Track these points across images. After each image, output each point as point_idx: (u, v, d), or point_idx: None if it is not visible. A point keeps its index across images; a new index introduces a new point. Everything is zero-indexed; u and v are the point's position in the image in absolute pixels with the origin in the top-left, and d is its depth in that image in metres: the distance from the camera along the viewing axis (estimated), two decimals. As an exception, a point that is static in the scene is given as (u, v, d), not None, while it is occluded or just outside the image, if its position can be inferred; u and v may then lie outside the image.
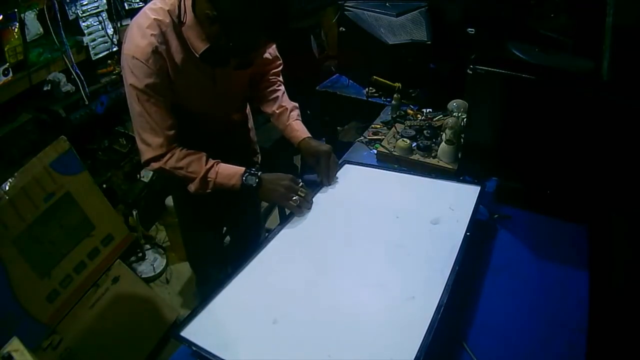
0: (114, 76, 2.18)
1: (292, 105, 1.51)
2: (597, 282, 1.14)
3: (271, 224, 2.49)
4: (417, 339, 0.87)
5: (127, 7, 2.22)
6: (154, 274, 2.40)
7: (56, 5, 1.88)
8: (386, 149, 1.59)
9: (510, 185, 1.38)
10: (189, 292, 2.35)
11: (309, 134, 1.46)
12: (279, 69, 1.54)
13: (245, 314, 1.02)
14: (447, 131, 1.47)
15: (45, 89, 1.96)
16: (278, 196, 1.30)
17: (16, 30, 1.74)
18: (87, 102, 2.06)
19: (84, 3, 2.00)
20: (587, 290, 1.11)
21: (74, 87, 2.02)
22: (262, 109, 1.54)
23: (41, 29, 1.86)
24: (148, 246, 2.49)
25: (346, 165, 1.50)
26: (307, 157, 1.45)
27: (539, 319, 1.05)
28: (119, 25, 2.19)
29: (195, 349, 0.94)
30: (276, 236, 1.23)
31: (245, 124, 1.63)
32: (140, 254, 2.42)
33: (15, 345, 0.88)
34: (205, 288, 1.89)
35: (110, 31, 2.13)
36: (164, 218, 2.57)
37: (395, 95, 1.83)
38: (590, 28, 1.58)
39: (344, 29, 2.14)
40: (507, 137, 1.30)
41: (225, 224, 1.93)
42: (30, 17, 1.80)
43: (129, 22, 1.24)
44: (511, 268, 1.19)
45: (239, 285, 1.10)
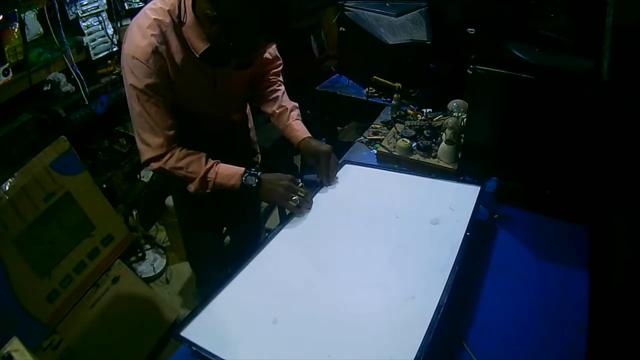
0: (114, 76, 2.18)
1: (292, 105, 1.51)
2: (597, 282, 1.14)
3: (271, 224, 2.49)
4: (417, 339, 0.87)
5: (127, 7, 2.22)
6: (154, 274, 2.40)
7: (56, 5, 1.88)
8: (386, 149, 1.59)
9: (510, 185, 1.38)
10: (189, 292, 2.35)
11: (309, 134, 1.46)
12: (279, 69, 1.54)
13: (245, 314, 1.02)
14: (447, 131, 1.47)
15: (45, 89, 1.96)
16: (278, 196, 1.30)
17: (16, 30, 1.74)
18: (87, 102, 2.06)
19: (84, 3, 2.00)
20: (587, 290, 1.11)
21: (74, 87, 2.02)
22: (262, 109, 1.54)
23: (41, 29, 1.86)
24: (148, 246, 2.49)
25: (346, 165, 1.50)
26: (307, 157, 1.45)
27: (539, 319, 1.05)
28: (119, 25, 2.19)
29: (195, 349, 0.94)
30: (276, 236, 1.23)
31: (245, 124, 1.63)
32: (140, 254, 2.42)
33: (15, 345, 0.88)
34: (205, 288, 1.89)
35: (110, 31, 2.13)
36: (164, 218, 2.57)
37: (395, 95, 1.83)
38: (590, 28, 1.58)
39: (344, 29, 2.14)
40: (507, 137, 1.30)
41: (225, 224, 1.93)
42: (30, 17, 1.80)
43: (129, 22, 1.24)
44: (511, 268, 1.19)
45: (239, 285, 1.10)
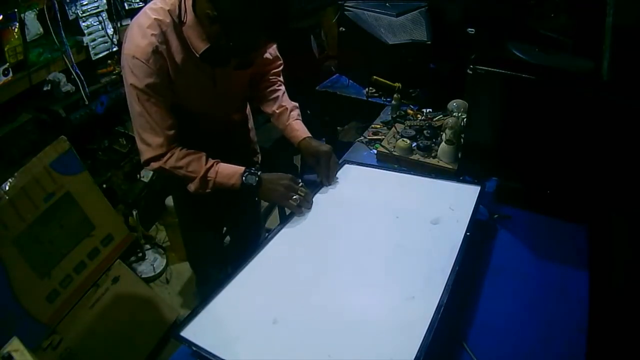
0: (114, 76, 2.18)
1: (292, 105, 1.51)
2: (597, 282, 1.14)
3: (271, 224, 2.49)
4: (417, 339, 0.87)
5: (127, 7, 2.21)
6: (154, 274, 2.40)
7: (56, 5, 1.88)
8: (386, 149, 1.59)
9: (510, 185, 1.38)
10: (189, 292, 2.35)
11: (309, 134, 1.46)
12: (280, 69, 1.54)
13: (245, 314, 1.02)
14: (447, 131, 1.47)
15: (45, 89, 1.95)
16: (278, 196, 1.30)
17: (16, 30, 1.74)
18: (87, 102, 2.06)
19: (84, 3, 2.00)
20: (587, 290, 1.11)
21: (74, 87, 2.01)
22: (262, 109, 1.54)
23: (41, 29, 1.86)
24: (148, 246, 2.49)
25: (346, 165, 1.50)
26: (307, 157, 1.45)
27: (539, 319, 1.05)
28: (119, 25, 2.19)
29: (195, 349, 0.94)
30: (276, 236, 1.23)
31: (245, 124, 1.63)
32: (140, 254, 2.42)
33: (15, 345, 0.88)
34: (205, 288, 1.89)
35: (110, 31, 2.13)
36: (164, 218, 2.57)
37: (395, 95, 1.83)
38: (590, 28, 1.58)
39: (344, 29, 2.14)
40: (507, 137, 1.30)
41: (225, 224, 1.93)
42: (30, 17, 1.80)
43: (129, 22, 1.24)
44: (511, 268, 1.19)
45: (239, 285, 1.10)
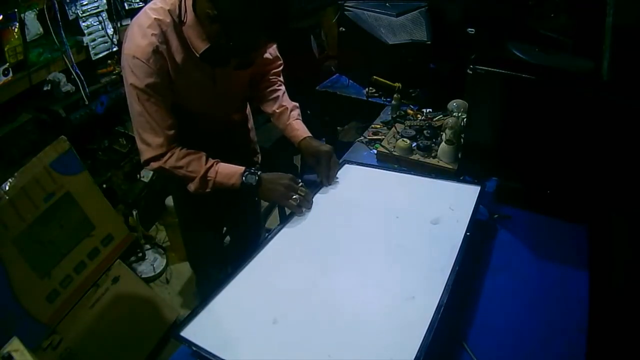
0: (114, 76, 2.18)
1: (292, 105, 1.51)
2: (597, 282, 1.14)
3: (271, 224, 2.49)
4: (417, 339, 0.87)
5: (127, 7, 2.22)
6: (154, 274, 2.40)
7: (56, 5, 1.88)
8: (386, 149, 1.59)
9: (510, 185, 1.38)
10: (189, 292, 2.35)
11: (309, 134, 1.46)
12: (280, 69, 1.54)
13: (245, 314, 1.02)
14: (447, 131, 1.47)
15: (45, 89, 1.96)
16: (278, 195, 1.30)
17: (16, 30, 1.74)
18: (87, 102, 2.06)
19: (84, 3, 2.00)
20: (587, 290, 1.11)
21: (74, 87, 2.01)
22: (262, 109, 1.54)
23: (41, 29, 1.86)
24: (148, 246, 2.49)
25: (346, 165, 1.50)
26: (307, 157, 1.45)
27: (539, 319, 1.05)
28: (119, 25, 2.19)
29: (195, 349, 0.94)
30: (276, 236, 1.23)
31: (245, 124, 1.63)
32: (140, 254, 2.42)
33: (15, 345, 0.88)
34: (205, 288, 1.89)
35: (110, 31, 2.13)
36: (164, 218, 2.57)
37: (395, 95, 1.83)
38: (590, 28, 1.58)
39: (344, 29, 2.14)
40: (507, 137, 1.30)
41: (225, 224, 1.93)
42: (30, 17, 1.80)
43: (129, 22, 1.24)
44: (511, 268, 1.19)
45: (239, 285, 1.10)
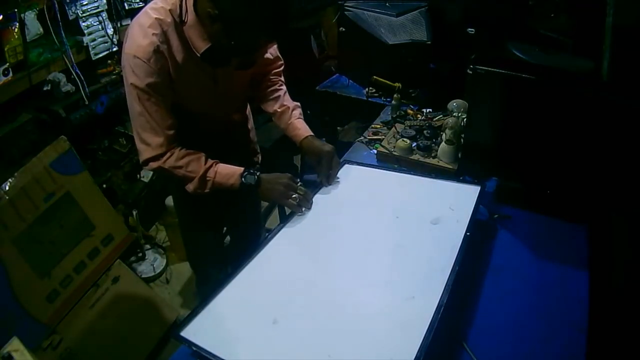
0: (114, 76, 2.18)
1: (293, 105, 1.51)
2: (597, 282, 1.14)
3: (271, 224, 2.49)
4: (417, 339, 0.87)
5: (127, 7, 2.21)
6: (154, 274, 2.40)
7: (56, 5, 1.88)
8: (386, 149, 1.59)
9: (510, 185, 1.38)
10: (189, 292, 2.35)
11: (311, 133, 1.46)
12: (280, 69, 1.54)
13: (245, 314, 1.02)
14: (447, 131, 1.47)
15: (45, 89, 1.95)
16: (278, 195, 1.30)
17: (16, 30, 1.74)
18: (87, 102, 2.06)
19: (84, 3, 2.00)
20: (587, 290, 1.11)
21: (74, 87, 2.01)
22: (263, 108, 1.54)
23: (41, 29, 1.86)
24: (148, 246, 2.49)
25: (346, 165, 1.50)
26: (308, 156, 1.45)
27: (538, 319, 1.05)
28: (119, 25, 2.18)
29: (195, 349, 0.94)
30: (276, 236, 1.23)
31: (246, 124, 1.63)
32: (140, 254, 2.42)
33: (15, 345, 0.88)
34: (205, 288, 1.89)
35: (110, 31, 2.13)
36: (164, 218, 2.57)
37: (395, 95, 1.83)
38: (590, 28, 1.58)
39: (344, 29, 2.14)
40: (507, 137, 1.30)
41: (225, 224, 1.92)
42: (30, 17, 1.80)
43: (129, 22, 1.24)
44: (511, 268, 1.19)
45: (238, 285, 1.10)
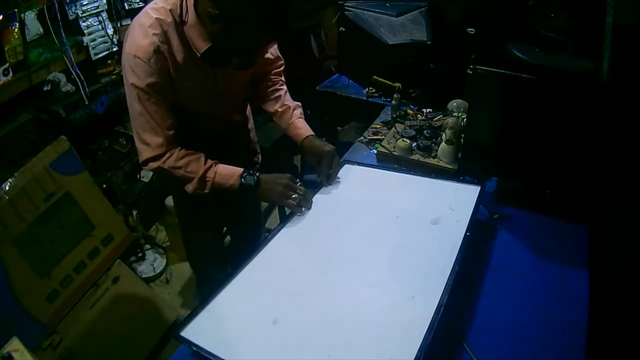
0: (114, 76, 2.18)
1: (294, 104, 1.50)
2: (597, 282, 1.14)
3: (271, 224, 2.49)
4: (417, 339, 0.87)
5: (127, 7, 2.21)
6: (154, 274, 2.40)
7: (56, 5, 1.88)
8: (386, 149, 1.59)
9: (510, 185, 1.38)
10: (189, 292, 2.35)
11: (312, 132, 1.46)
12: (281, 69, 1.54)
13: (245, 314, 1.02)
14: (447, 131, 1.47)
15: (45, 89, 1.95)
16: (277, 195, 1.30)
17: (16, 30, 1.74)
18: (87, 102, 2.06)
19: (84, 3, 2.00)
20: (587, 290, 1.11)
21: (74, 87, 2.01)
22: (264, 108, 1.54)
23: (41, 29, 1.86)
24: (148, 246, 2.49)
25: (346, 165, 1.50)
26: (309, 156, 1.45)
27: (538, 319, 1.05)
28: (119, 25, 2.18)
29: (195, 349, 0.94)
30: (276, 236, 1.23)
31: (246, 124, 1.62)
32: (140, 254, 2.42)
33: (15, 345, 0.88)
34: (205, 288, 1.89)
35: (110, 31, 2.13)
36: (164, 218, 2.57)
37: (395, 95, 1.83)
38: (590, 28, 1.58)
39: (344, 29, 2.14)
40: (507, 137, 1.30)
41: (225, 224, 1.93)
42: (30, 17, 1.80)
43: (129, 22, 1.24)
44: (511, 268, 1.19)
45: (239, 285, 1.10)
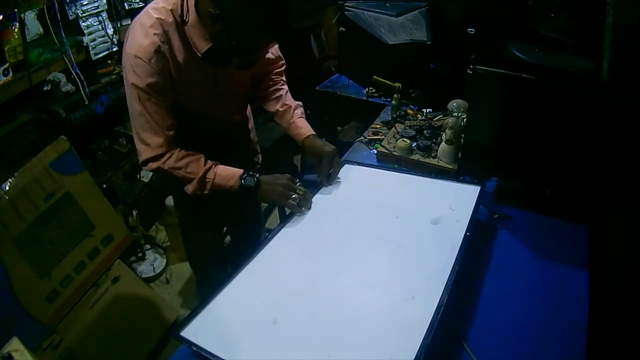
0: (114, 76, 2.18)
1: (295, 104, 1.50)
2: (597, 282, 1.14)
3: (271, 224, 2.49)
4: (417, 339, 0.87)
5: (127, 7, 2.21)
6: (154, 274, 2.40)
7: (56, 5, 1.88)
8: (386, 149, 1.59)
9: (510, 185, 1.38)
10: (189, 292, 2.35)
11: (313, 132, 1.45)
12: (282, 69, 1.54)
13: (245, 314, 1.02)
14: (447, 131, 1.47)
15: (45, 89, 1.95)
16: (277, 195, 1.30)
17: (16, 30, 1.74)
18: (87, 102, 2.06)
19: (84, 3, 2.00)
20: (587, 290, 1.11)
21: (74, 87, 2.01)
22: (265, 108, 1.54)
23: (41, 29, 1.86)
24: (148, 246, 2.49)
25: (346, 165, 1.50)
26: (310, 156, 1.45)
27: (539, 319, 1.05)
28: (119, 25, 2.18)
29: (195, 349, 0.94)
30: (276, 236, 1.23)
31: (246, 124, 1.62)
32: (140, 254, 2.42)
33: (15, 345, 0.88)
34: (205, 288, 1.89)
35: (110, 31, 2.13)
36: (164, 218, 2.57)
37: (395, 95, 1.83)
38: (590, 28, 1.58)
39: (344, 29, 2.14)
40: (507, 137, 1.30)
41: (225, 224, 1.93)
42: (30, 17, 1.80)
43: (129, 22, 1.24)
44: (511, 268, 1.19)
45: (239, 285, 1.10)
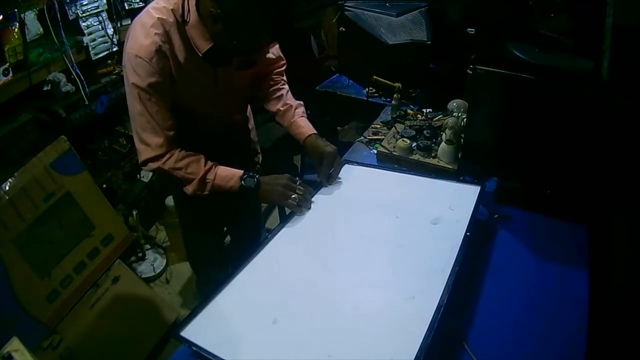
0: (114, 76, 2.18)
1: (296, 103, 1.50)
2: (597, 282, 1.14)
3: (271, 224, 2.49)
4: (417, 339, 0.87)
5: (127, 7, 2.21)
6: (154, 274, 2.40)
7: (56, 5, 1.88)
8: (386, 149, 1.59)
9: (510, 185, 1.38)
10: (189, 292, 2.35)
11: (314, 131, 1.45)
12: (282, 69, 1.54)
13: (245, 314, 1.02)
14: (447, 131, 1.47)
15: (45, 89, 1.95)
16: (277, 195, 1.30)
17: (16, 30, 1.74)
18: (87, 102, 2.06)
19: (84, 3, 2.00)
20: (587, 290, 1.11)
21: (74, 87, 2.01)
22: (266, 108, 1.53)
23: (41, 29, 1.86)
24: (148, 246, 2.49)
25: (346, 165, 1.50)
26: (311, 155, 1.45)
27: (539, 319, 1.05)
28: (119, 25, 2.18)
29: (195, 349, 0.94)
30: (276, 236, 1.23)
31: (246, 124, 1.62)
32: (140, 254, 2.42)
33: (15, 345, 0.88)
34: (205, 288, 1.89)
35: (110, 31, 2.13)
36: (164, 218, 2.57)
37: (395, 95, 1.83)
38: (590, 28, 1.58)
39: (344, 29, 2.14)
40: (507, 137, 1.30)
41: (225, 224, 1.93)
42: (30, 17, 1.80)
43: (129, 22, 1.24)
44: (511, 268, 1.19)
45: (239, 285, 1.10)
